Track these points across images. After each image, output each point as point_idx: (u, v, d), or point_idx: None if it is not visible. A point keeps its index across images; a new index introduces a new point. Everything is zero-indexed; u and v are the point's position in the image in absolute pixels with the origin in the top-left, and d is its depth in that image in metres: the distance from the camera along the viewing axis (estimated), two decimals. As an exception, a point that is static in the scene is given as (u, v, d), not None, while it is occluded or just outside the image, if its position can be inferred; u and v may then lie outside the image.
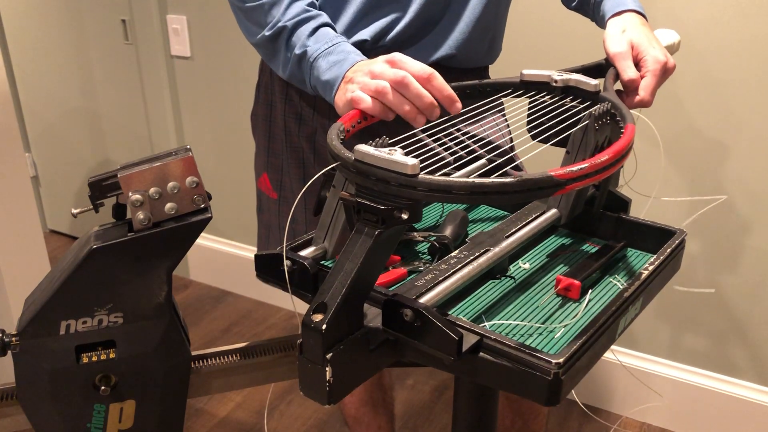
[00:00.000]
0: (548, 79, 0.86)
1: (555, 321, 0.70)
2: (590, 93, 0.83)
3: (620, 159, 0.64)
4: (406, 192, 0.58)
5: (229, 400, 1.92)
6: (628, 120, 0.74)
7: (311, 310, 0.59)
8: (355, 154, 0.60)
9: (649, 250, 0.84)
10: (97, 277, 0.72)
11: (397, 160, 0.57)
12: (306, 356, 0.59)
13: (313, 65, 0.91)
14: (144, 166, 0.72)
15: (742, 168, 1.52)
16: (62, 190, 2.80)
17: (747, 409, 1.69)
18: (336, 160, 0.63)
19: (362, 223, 0.60)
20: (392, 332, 0.64)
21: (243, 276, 2.43)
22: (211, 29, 2.16)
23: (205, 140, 2.31)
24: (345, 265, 0.60)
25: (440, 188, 0.57)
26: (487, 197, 0.58)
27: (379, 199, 0.59)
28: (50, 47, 2.53)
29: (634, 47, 0.90)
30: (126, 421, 0.79)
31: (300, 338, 0.60)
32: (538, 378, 0.59)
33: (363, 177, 0.60)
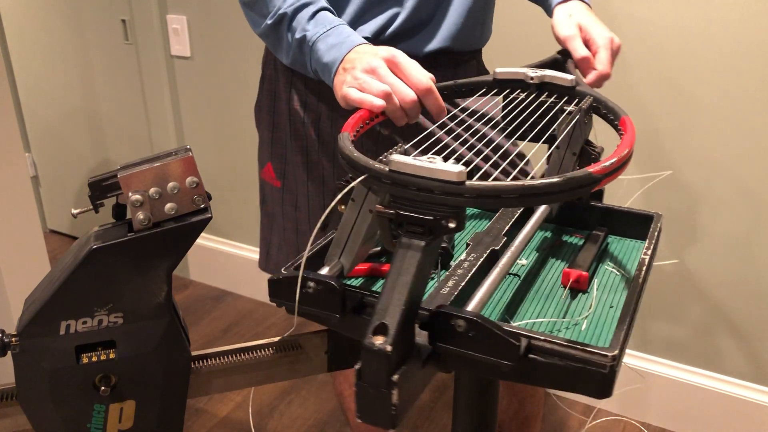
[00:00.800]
0: (523, 76, 0.85)
1: (574, 314, 0.70)
2: (567, 88, 0.84)
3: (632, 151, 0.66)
4: (453, 200, 0.56)
5: (229, 400, 1.92)
6: (620, 112, 0.75)
7: (370, 332, 0.55)
8: (391, 165, 0.57)
9: (629, 235, 0.86)
10: (97, 277, 0.72)
11: (443, 168, 0.55)
12: (367, 381, 0.55)
13: (313, 48, 0.93)
14: (144, 166, 0.72)
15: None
16: (62, 190, 2.80)
17: (747, 409, 1.69)
18: (360, 172, 0.60)
19: (407, 235, 0.57)
20: (443, 345, 0.61)
21: (243, 276, 2.43)
22: (211, 29, 2.16)
23: (205, 140, 2.31)
24: (398, 282, 0.57)
25: (489, 194, 0.55)
26: (536, 199, 0.57)
27: (422, 209, 0.57)
28: (50, 47, 2.53)
29: (582, 29, 0.96)
30: (126, 421, 0.79)
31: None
32: (594, 373, 0.58)
33: (401, 188, 0.57)
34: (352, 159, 0.62)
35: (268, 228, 1.28)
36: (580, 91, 0.82)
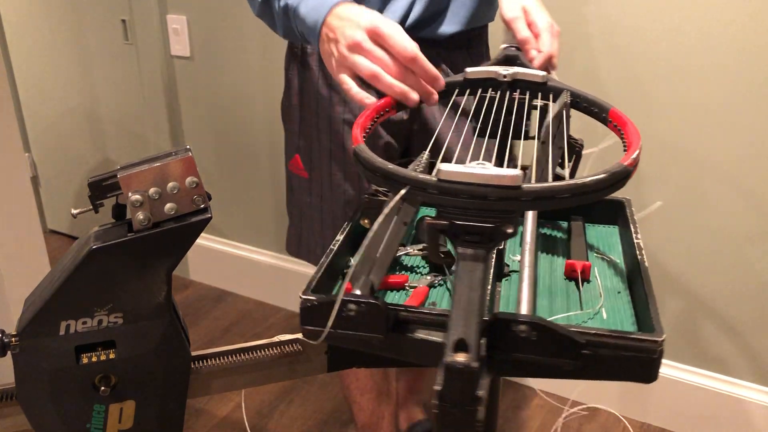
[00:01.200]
0: (495, 75, 0.84)
1: (590, 304, 0.72)
2: (538, 84, 0.84)
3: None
4: (510, 204, 0.54)
5: (229, 400, 1.92)
6: (606, 105, 0.76)
7: (450, 350, 0.54)
8: (439, 174, 0.55)
9: (602, 221, 0.90)
10: (96, 278, 0.72)
11: (498, 173, 0.54)
12: (451, 401, 0.54)
13: (296, 13, 0.95)
14: (144, 167, 0.72)
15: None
16: (62, 190, 2.80)
17: (746, 408, 1.69)
18: (401, 184, 0.58)
19: (466, 246, 0.56)
20: (503, 352, 0.60)
21: (243, 276, 2.43)
22: (211, 29, 2.16)
23: (205, 140, 2.31)
24: (468, 295, 0.55)
25: (545, 195, 0.55)
26: (587, 197, 0.56)
27: (476, 217, 0.55)
28: (50, 47, 2.53)
29: (526, 12, 1.01)
30: (126, 421, 0.79)
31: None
32: (644, 359, 0.60)
33: (452, 197, 0.55)
34: (389, 171, 0.59)
35: (297, 218, 1.33)
36: (552, 86, 0.83)
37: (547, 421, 1.83)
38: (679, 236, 1.65)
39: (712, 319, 1.67)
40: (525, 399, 1.90)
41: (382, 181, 0.60)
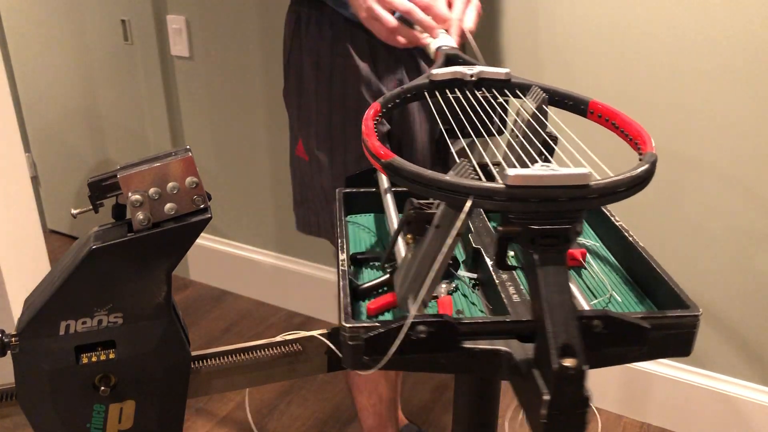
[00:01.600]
0: (461, 75, 0.83)
1: (598, 290, 0.74)
2: (502, 81, 0.84)
3: None
4: (579, 204, 0.54)
5: (229, 400, 1.92)
6: (584, 97, 0.77)
7: (557, 356, 0.53)
8: (509, 180, 0.53)
9: None
10: (96, 278, 0.72)
11: (568, 173, 0.53)
12: (562, 408, 0.53)
13: None
14: (144, 167, 0.73)
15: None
16: (62, 190, 2.80)
17: (746, 408, 1.69)
18: (462, 194, 0.55)
19: (545, 250, 0.55)
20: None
21: (243, 276, 2.43)
22: (211, 29, 2.16)
23: (205, 140, 2.31)
24: (560, 299, 0.54)
25: (609, 191, 0.55)
26: (638, 188, 0.57)
27: (553, 219, 0.54)
28: (50, 47, 2.53)
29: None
30: (126, 421, 0.79)
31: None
32: (687, 335, 0.64)
33: (521, 202, 0.54)
34: (447, 182, 0.56)
35: (308, 197, 1.39)
36: (516, 83, 0.83)
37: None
38: (679, 236, 1.65)
39: (711, 319, 1.67)
40: (525, 399, 1.91)
41: (436, 194, 0.57)
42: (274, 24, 2.01)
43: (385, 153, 0.60)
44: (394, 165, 0.59)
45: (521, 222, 0.54)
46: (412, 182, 0.57)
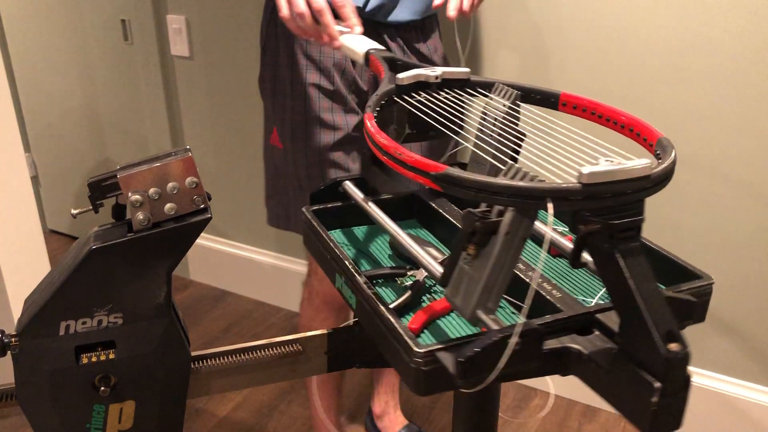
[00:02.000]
0: (425, 77, 0.83)
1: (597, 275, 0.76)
2: (464, 80, 0.84)
3: None
4: (643, 194, 0.55)
5: (229, 400, 1.91)
6: (553, 90, 0.79)
7: (662, 343, 0.54)
8: (584, 178, 0.53)
9: None
10: (96, 278, 0.72)
11: (635, 166, 0.54)
12: (671, 392, 0.54)
13: None
14: (144, 167, 0.73)
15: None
16: (62, 190, 2.80)
17: (746, 408, 1.69)
18: (536, 198, 0.54)
19: (627, 242, 0.56)
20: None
21: (243, 276, 2.43)
22: (211, 29, 2.16)
23: (205, 140, 2.31)
24: (651, 288, 0.56)
25: (662, 178, 0.57)
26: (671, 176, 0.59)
27: (622, 213, 0.55)
28: (50, 47, 2.53)
29: None
30: (126, 421, 0.79)
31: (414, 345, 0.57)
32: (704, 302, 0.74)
33: (596, 200, 0.54)
34: (522, 187, 0.54)
35: (279, 188, 1.42)
36: (475, 81, 0.84)
37: (547, 421, 1.83)
38: (678, 235, 1.65)
39: (711, 319, 1.67)
40: (525, 399, 1.91)
41: (507, 201, 0.55)
42: (274, 24, 2.01)
43: (434, 165, 0.57)
44: (451, 176, 0.56)
45: (601, 219, 0.55)
46: (479, 191, 0.55)
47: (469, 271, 0.60)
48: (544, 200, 0.53)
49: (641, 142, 0.71)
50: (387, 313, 0.65)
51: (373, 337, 0.69)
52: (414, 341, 0.60)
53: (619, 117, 0.73)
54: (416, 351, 0.59)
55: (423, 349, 0.59)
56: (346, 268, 0.75)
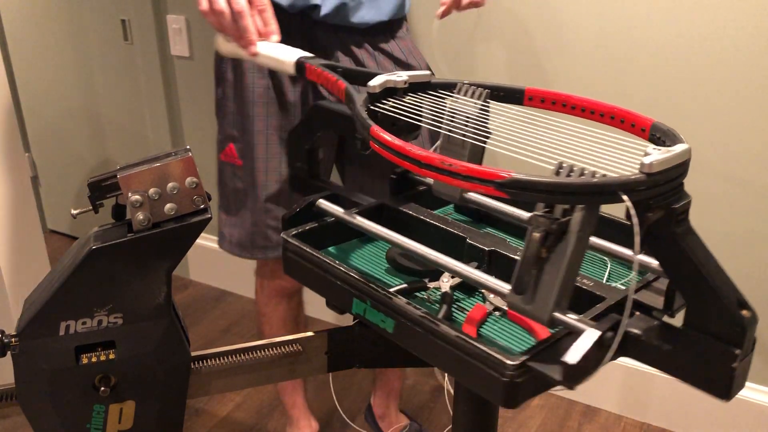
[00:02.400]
0: (393, 83, 0.82)
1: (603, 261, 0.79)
2: (426, 83, 0.84)
3: None
4: (683, 177, 0.59)
5: (229, 400, 1.91)
6: (518, 86, 0.80)
7: (737, 308, 0.58)
8: (646, 168, 0.55)
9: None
10: (96, 278, 0.72)
11: (679, 151, 0.57)
12: (745, 354, 0.59)
13: None
14: (143, 167, 0.73)
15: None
16: (62, 190, 2.80)
17: (746, 408, 1.69)
18: (611, 192, 0.55)
19: (683, 224, 0.59)
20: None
21: (243, 276, 2.43)
22: (211, 29, 2.15)
23: (205, 140, 2.31)
24: (714, 262, 0.60)
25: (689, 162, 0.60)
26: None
27: (675, 197, 0.59)
28: (50, 47, 2.53)
29: None
30: (126, 421, 0.79)
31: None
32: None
33: (659, 186, 0.57)
34: (594, 184, 0.55)
35: (225, 201, 1.40)
36: (437, 83, 0.84)
37: (547, 420, 1.83)
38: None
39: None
40: (525, 399, 1.90)
41: (579, 200, 0.56)
42: (274, 24, 2.01)
43: (494, 172, 0.56)
44: (520, 180, 0.55)
45: (664, 205, 0.57)
46: (550, 193, 0.55)
47: (543, 275, 0.60)
48: (615, 194, 0.55)
49: (630, 129, 0.72)
50: (460, 334, 0.63)
51: (431, 358, 0.67)
52: (505, 355, 0.60)
53: (599, 107, 0.74)
54: (509, 364, 0.59)
55: (516, 362, 0.59)
56: (373, 292, 0.71)
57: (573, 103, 0.77)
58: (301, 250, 0.79)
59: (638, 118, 0.71)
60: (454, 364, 0.64)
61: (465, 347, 0.62)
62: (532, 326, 0.70)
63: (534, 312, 0.61)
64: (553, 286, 0.59)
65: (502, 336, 0.70)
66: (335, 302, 0.78)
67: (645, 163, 0.55)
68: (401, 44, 1.34)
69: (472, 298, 0.77)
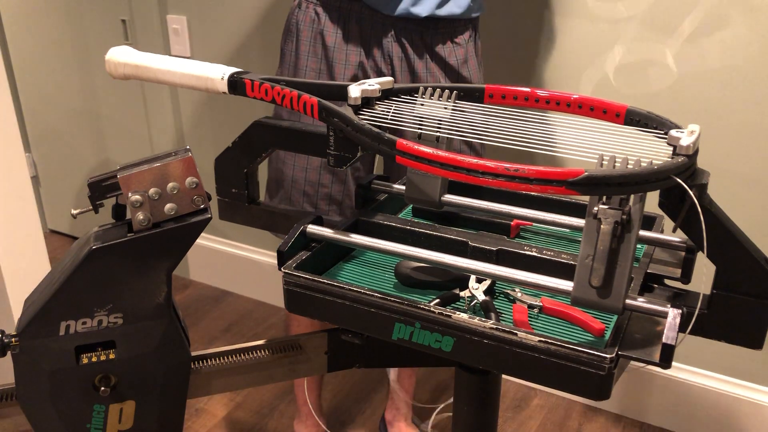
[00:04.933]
0: (370, 93, 0.79)
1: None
2: (390, 89, 0.83)
3: None
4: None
5: (229, 400, 1.91)
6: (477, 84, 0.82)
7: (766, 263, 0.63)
8: (685, 150, 0.61)
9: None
10: (96, 278, 0.72)
11: (696, 133, 0.63)
12: None
13: None
14: (144, 167, 0.73)
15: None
16: (62, 190, 2.80)
17: (746, 408, 1.69)
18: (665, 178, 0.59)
19: (707, 197, 0.64)
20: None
21: (243, 276, 2.43)
22: (211, 29, 2.16)
23: (205, 140, 2.32)
24: (736, 227, 0.65)
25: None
26: None
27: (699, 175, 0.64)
28: (50, 47, 2.53)
29: None
30: (126, 421, 0.79)
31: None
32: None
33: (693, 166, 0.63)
34: (658, 170, 0.58)
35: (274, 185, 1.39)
36: (399, 88, 0.83)
37: (547, 420, 1.83)
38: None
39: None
40: (525, 399, 1.91)
41: (647, 187, 0.59)
42: (274, 24, 2.01)
43: (569, 172, 0.57)
44: (595, 177, 0.56)
45: (696, 185, 0.61)
46: (622, 185, 0.57)
47: (612, 266, 0.62)
48: (669, 179, 0.59)
49: (602, 116, 0.73)
50: (543, 338, 0.63)
51: (506, 368, 0.66)
52: (600, 350, 0.61)
53: (565, 98, 0.75)
54: (607, 357, 0.60)
55: (612, 354, 0.61)
56: (423, 313, 0.67)
57: (536, 97, 0.78)
58: (315, 283, 0.73)
59: (609, 105, 0.73)
60: (538, 369, 0.63)
61: (551, 350, 0.62)
62: (582, 318, 0.71)
63: (607, 303, 0.62)
64: (623, 276, 0.61)
65: (552, 332, 0.71)
66: (367, 331, 0.73)
67: (684, 145, 0.60)
68: (458, 51, 1.23)
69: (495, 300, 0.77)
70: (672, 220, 0.65)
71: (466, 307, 0.74)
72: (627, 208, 0.60)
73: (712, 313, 0.67)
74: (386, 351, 0.85)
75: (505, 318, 0.73)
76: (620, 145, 0.63)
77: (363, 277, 0.82)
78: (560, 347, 0.62)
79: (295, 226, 0.79)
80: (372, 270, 0.83)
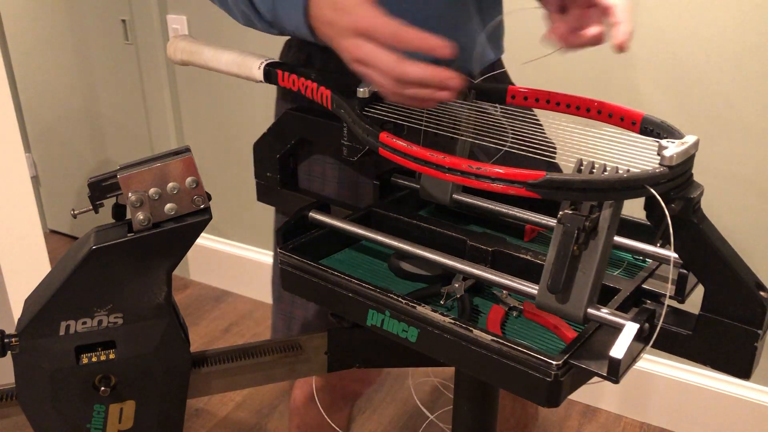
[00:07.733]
0: (362, 94, 0.79)
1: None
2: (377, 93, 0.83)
3: None
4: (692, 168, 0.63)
5: (229, 400, 1.91)
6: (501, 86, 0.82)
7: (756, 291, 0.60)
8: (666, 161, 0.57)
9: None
10: (96, 278, 0.72)
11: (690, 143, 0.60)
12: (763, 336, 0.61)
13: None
14: (144, 167, 0.72)
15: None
16: (62, 190, 2.80)
17: (747, 409, 1.69)
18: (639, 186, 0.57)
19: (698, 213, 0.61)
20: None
21: (243, 276, 2.43)
22: (211, 29, 2.16)
23: (205, 140, 2.32)
24: (730, 249, 0.62)
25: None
26: None
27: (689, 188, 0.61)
28: (50, 47, 2.53)
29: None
30: (126, 421, 0.79)
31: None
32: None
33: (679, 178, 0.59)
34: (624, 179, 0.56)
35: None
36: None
37: (547, 421, 1.83)
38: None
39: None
40: (525, 399, 1.90)
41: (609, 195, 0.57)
42: (274, 24, 2.01)
43: (530, 174, 0.57)
44: (555, 180, 0.56)
45: (682, 196, 0.58)
46: (584, 191, 0.56)
47: (575, 273, 0.60)
48: (643, 189, 0.56)
49: (619, 124, 0.72)
50: (496, 338, 0.62)
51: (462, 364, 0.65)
52: (547, 355, 0.59)
53: (585, 102, 0.74)
54: (554, 364, 0.59)
55: (559, 361, 0.59)
56: (393, 302, 0.69)
57: (557, 100, 0.77)
58: (304, 265, 0.76)
59: (627, 112, 0.72)
60: (489, 368, 0.63)
61: (503, 351, 0.61)
62: (555, 325, 0.69)
63: (568, 310, 0.61)
64: (587, 284, 0.60)
65: (523, 336, 0.69)
66: (346, 315, 0.76)
67: (666, 156, 0.56)
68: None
69: (479, 299, 0.76)
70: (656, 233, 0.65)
71: (443, 302, 0.74)
72: (595, 215, 0.58)
73: (696, 335, 0.63)
74: (386, 351, 0.85)
75: (481, 317, 0.73)
76: (617, 153, 0.62)
77: (360, 265, 0.83)
78: (511, 348, 0.61)
79: (297, 210, 0.82)
80: (371, 259, 0.85)
